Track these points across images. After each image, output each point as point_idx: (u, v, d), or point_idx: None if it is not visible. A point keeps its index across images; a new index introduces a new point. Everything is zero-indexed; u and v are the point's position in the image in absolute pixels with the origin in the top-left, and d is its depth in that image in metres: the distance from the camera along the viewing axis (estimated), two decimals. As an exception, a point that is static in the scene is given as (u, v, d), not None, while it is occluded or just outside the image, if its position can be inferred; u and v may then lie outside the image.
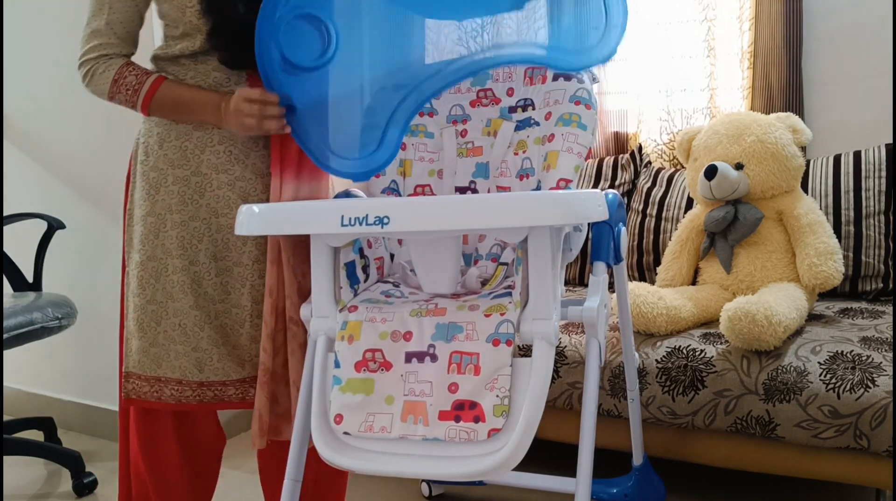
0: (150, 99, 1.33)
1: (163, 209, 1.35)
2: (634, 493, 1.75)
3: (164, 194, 1.35)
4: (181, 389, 1.36)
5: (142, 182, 1.37)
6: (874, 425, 1.49)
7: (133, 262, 1.37)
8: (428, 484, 1.95)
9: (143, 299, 1.35)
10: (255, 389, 1.36)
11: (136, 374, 1.36)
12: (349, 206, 1.06)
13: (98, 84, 1.33)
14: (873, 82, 2.29)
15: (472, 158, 1.51)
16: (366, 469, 1.11)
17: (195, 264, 1.36)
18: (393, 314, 1.18)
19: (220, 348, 1.37)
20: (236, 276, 1.38)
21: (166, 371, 1.35)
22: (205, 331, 1.36)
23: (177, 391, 1.36)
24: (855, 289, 2.06)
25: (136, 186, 1.38)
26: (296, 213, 1.11)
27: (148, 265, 1.35)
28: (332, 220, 1.07)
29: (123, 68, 1.33)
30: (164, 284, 1.35)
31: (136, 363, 1.36)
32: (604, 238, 1.34)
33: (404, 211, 1.04)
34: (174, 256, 1.35)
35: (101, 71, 1.33)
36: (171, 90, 1.33)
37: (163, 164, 1.36)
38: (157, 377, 1.36)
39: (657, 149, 2.53)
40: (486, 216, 1.02)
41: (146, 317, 1.35)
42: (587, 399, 1.18)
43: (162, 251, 1.35)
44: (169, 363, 1.35)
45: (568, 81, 1.42)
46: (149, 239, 1.35)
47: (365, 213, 1.05)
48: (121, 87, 1.32)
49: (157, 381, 1.36)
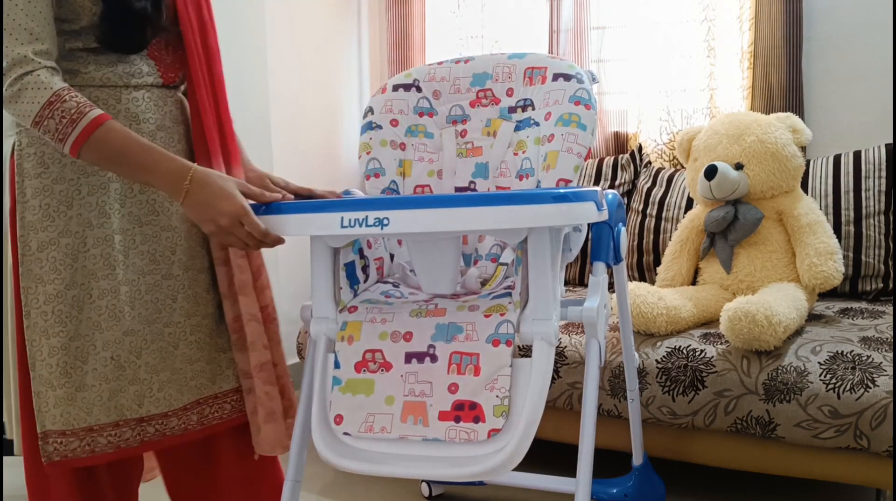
0: (88, 136, 1.07)
1: (79, 226, 1.15)
2: (634, 493, 1.75)
3: (80, 208, 1.16)
4: (119, 432, 1.17)
5: (41, 199, 1.14)
6: (874, 425, 1.48)
7: (41, 296, 1.14)
8: (428, 484, 1.95)
9: (64, 338, 1.14)
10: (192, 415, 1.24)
11: (59, 431, 1.14)
12: (349, 207, 1.06)
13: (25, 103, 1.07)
14: (873, 82, 2.29)
15: (472, 159, 1.51)
16: (366, 470, 1.11)
17: (124, 284, 1.18)
18: (393, 315, 1.18)
19: (160, 374, 1.21)
20: (166, 290, 1.23)
21: (100, 417, 1.16)
22: (142, 358, 1.19)
23: (114, 437, 1.17)
24: (855, 289, 2.06)
25: (30, 207, 1.14)
26: (295, 215, 1.11)
27: (66, 295, 1.14)
28: (331, 222, 1.07)
29: (64, 90, 1.08)
30: (88, 313, 1.15)
31: (57, 419, 1.14)
32: (604, 238, 1.34)
33: (404, 212, 1.04)
34: (99, 277, 1.16)
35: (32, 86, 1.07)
36: (117, 135, 1.08)
37: (72, 173, 1.15)
38: (89, 427, 1.15)
39: (657, 149, 2.53)
40: (485, 218, 1.02)
41: (69, 358, 1.14)
42: (587, 399, 1.18)
43: (83, 275, 1.16)
44: (103, 406, 1.16)
45: (567, 82, 1.42)
46: (64, 264, 1.15)
47: (365, 214, 1.05)
48: (55, 111, 1.06)
49: (88, 432, 1.15)
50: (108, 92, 1.19)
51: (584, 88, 1.40)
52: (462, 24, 2.87)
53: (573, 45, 2.65)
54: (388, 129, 1.51)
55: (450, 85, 1.53)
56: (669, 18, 2.51)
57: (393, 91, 1.53)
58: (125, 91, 1.20)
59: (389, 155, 1.49)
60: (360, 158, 1.50)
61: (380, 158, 1.49)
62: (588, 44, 2.63)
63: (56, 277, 1.15)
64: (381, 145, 1.49)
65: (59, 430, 1.14)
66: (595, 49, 2.65)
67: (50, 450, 1.15)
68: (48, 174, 1.15)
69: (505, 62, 1.50)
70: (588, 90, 1.40)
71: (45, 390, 1.15)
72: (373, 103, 1.53)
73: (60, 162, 1.15)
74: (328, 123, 2.91)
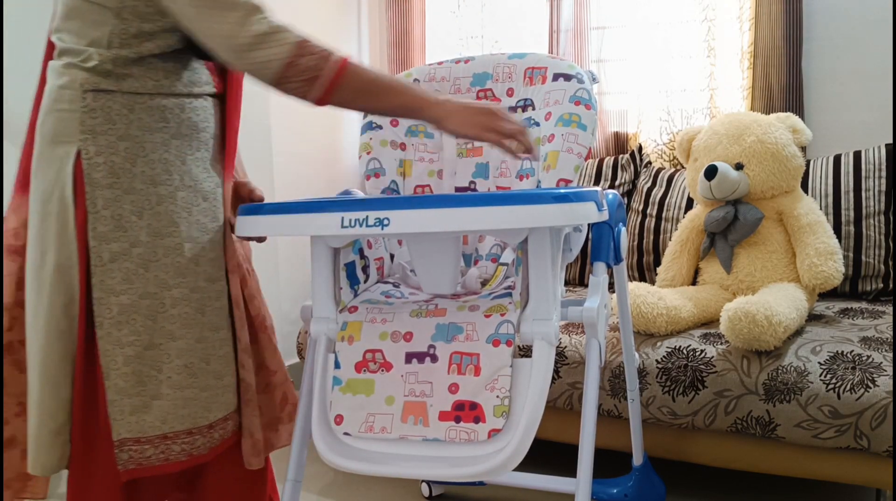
0: (343, 74, 1.10)
1: (149, 236, 1.16)
2: (634, 493, 1.75)
3: (150, 218, 1.16)
4: (192, 439, 1.18)
5: (113, 210, 1.14)
6: (874, 425, 1.49)
7: (115, 307, 1.14)
8: (428, 484, 1.95)
9: (139, 347, 1.15)
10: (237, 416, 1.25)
11: (134, 438, 1.15)
12: (349, 207, 1.06)
13: (277, 48, 1.08)
14: (873, 82, 2.30)
15: (472, 159, 1.51)
16: (366, 470, 1.11)
17: (196, 291, 1.19)
18: (393, 315, 1.18)
19: (223, 379, 1.22)
20: (223, 292, 1.24)
21: (174, 425, 1.17)
22: (210, 365, 1.20)
23: (188, 444, 1.18)
24: (855, 289, 2.07)
25: (101, 218, 1.14)
26: (296, 215, 1.11)
27: (140, 306, 1.15)
28: (332, 222, 1.07)
29: (304, 40, 1.10)
30: (162, 322, 1.16)
31: (133, 426, 1.14)
32: (604, 238, 1.34)
33: (404, 212, 1.04)
34: (171, 286, 1.17)
35: (281, 36, 1.09)
36: (362, 68, 1.13)
37: (140, 184, 1.15)
38: (164, 434, 1.16)
39: (657, 149, 2.53)
40: (486, 218, 1.02)
41: (143, 367, 1.15)
42: (587, 400, 1.18)
43: (155, 285, 1.16)
44: (177, 414, 1.17)
45: (568, 82, 1.42)
46: (137, 274, 1.15)
47: (365, 215, 1.05)
48: (305, 53, 1.09)
49: (163, 440, 1.16)
50: (174, 101, 1.19)
51: (585, 88, 1.40)
52: (462, 24, 2.87)
53: (573, 45, 2.65)
54: (389, 129, 1.51)
55: (450, 85, 1.53)
56: (669, 18, 2.51)
57: (393, 91, 1.53)
58: (187, 100, 1.21)
59: (390, 155, 1.49)
60: (361, 158, 1.50)
61: (380, 158, 1.49)
62: (588, 44, 2.63)
63: (129, 287, 1.14)
64: (381, 145, 1.49)
65: (133, 438, 1.15)
66: (595, 49, 2.65)
67: (125, 458, 1.15)
68: (119, 185, 1.14)
69: (505, 62, 1.50)
70: (588, 90, 1.41)
71: (119, 398, 1.14)
72: (373, 103, 1.53)
73: (130, 172, 1.15)
74: (328, 122, 2.91)
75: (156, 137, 1.17)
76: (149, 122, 1.16)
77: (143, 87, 1.16)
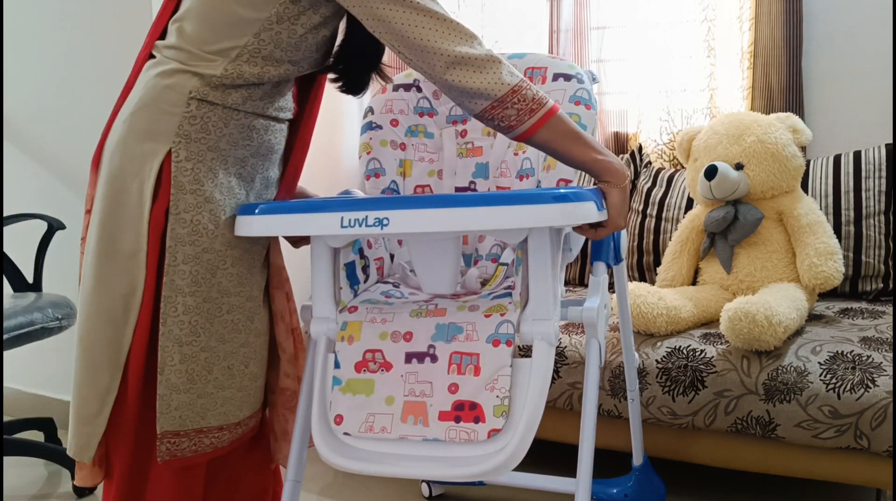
0: (550, 117, 1.12)
1: (222, 246, 1.19)
2: (634, 493, 1.75)
3: (224, 229, 1.20)
4: (220, 434, 1.23)
5: (193, 215, 1.17)
6: (874, 425, 1.49)
7: (180, 307, 1.18)
8: (428, 484, 1.95)
9: (196, 347, 1.19)
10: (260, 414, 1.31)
11: (174, 432, 1.19)
12: (349, 207, 1.06)
13: (497, 76, 1.10)
14: (873, 82, 2.29)
15: (472, 159, 1.51)
16: (366, 470, 1.11)
17: (250, 300, 1.24)
18: (393, 315, 1.18)
19: (257, 381, 1.28)
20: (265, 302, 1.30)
21: (211, 421, 1.22)
22: (249, 368, 1.25)
23: (216, 438, 1.23)
24: (855, 289, 2.06)
25: (181, 221, 1.17)
26: (296, 214, 1.11)
27: (203, 308, 1.19)
28: (331, 222, 1.07)
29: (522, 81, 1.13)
30: (217, 326, 1.21)
31: (175, 420, 1.19)
32: (604, 238, 1.34)
33: (404, 212, 1.04)
34: (231, 294, 1.21)
35: (506, 69, 1.11)
36: (568, 120, 1.14)
37: (219, 194, 1.19)
38: (199, 428, 1.21)
39: (657, 149, 2.53)
40: (486, 218, 1.02)
41: (198, 367, 1.20)
42: (587, 400, 1.18)
43: (217, 291, 1.20)
44: (215, 412, 1.22)
45: (568, 82, 1.42)
46: (205, 278, 1.19)
47: (364, 214, 1.05)
48: (522, 93, 1.11)
49: (197, 433, 1.21)
50: (263, 122, 1.23)
51: (585, 88, 1.40)
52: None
53: (573, 45, 2.65)
54: (389, 129, 1.51)
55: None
56: (669, 18, 2.51)
57: (393, 91, 1.53)
58: (273, 123, 1.26)
59: (390, 155, 1.49)
60: (361, 158, 1.50)
61: (380, 158, 1.49)
62: (588, 44, 2.63)
63: (196, 289, 1.18)
64: (381, 145, 1.49)
65: (173, 431, 1.19)
66: (595, 49, 2.65)
67: (164, 450, 1.19)
68: (202, 192, 1.18)
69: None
70: (588, 90, 1.41)
71: (169, 393, 1.18)
72: (373, 103, 1.53)
73: (213, 182, 1.18)
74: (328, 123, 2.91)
75: (239, 152, 1.21)
76: (237, 138, 1.20)
77: (243, 105, 1.19)
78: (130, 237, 1.18)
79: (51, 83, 2.47)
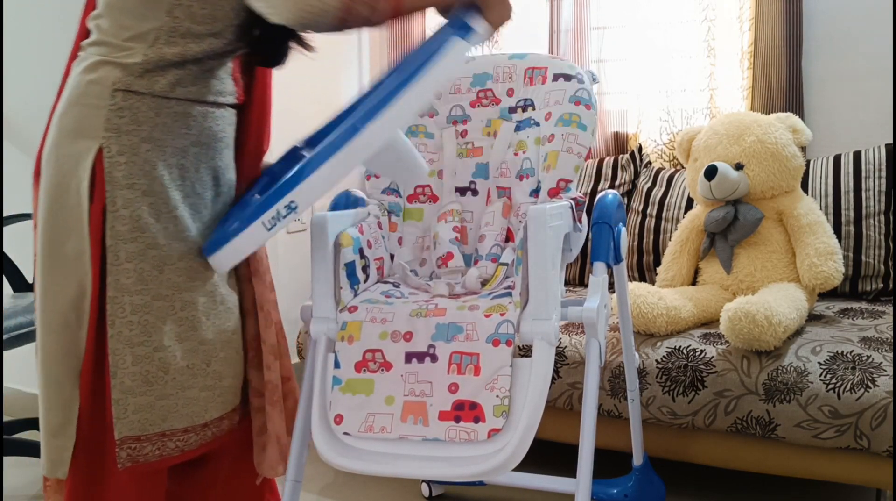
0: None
1: (166, 238, 1.15)
2: (634, 493, 1.75)
3: (167, 221, 1.16)
4: (186, 437, 1.19)
5: (132, 211, 1.13)
6: (874, 425, 1.49)
7: (128, 307, 1.14)
8: (428, 484, 1.95)
9: (149, 348, 1.14)
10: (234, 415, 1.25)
11: (134, 437, 1.15)
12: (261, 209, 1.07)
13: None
14: (873, 82, 2.29)
15: (472, 159, 1.51)
16: (366, 470, 1.11)
17: (205, 295, 1.20)
18: (393, 315, 1.18)
19: (223, 380, 1.23)
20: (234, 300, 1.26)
21: (174, 423, 1.17)
22: (211, 366, 1.21)
23: (182, 441, 1.18)
24: (855, 289, 2.06)
25: (120, 218, 1.13)
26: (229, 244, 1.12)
27: (153, 307, 1.15)
28: (260, 232, 1.07)
29: None
30: (171, 325, 1.16)
31: (135, 425, 1.14)
32: (604, 238, 1.34)
33: (301, 189, 1.05)
34: (182, 289, 1.17)
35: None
36: None
37: (159, 186, 1.15)
38: (162, 432, 1.17)
39: (657, 149, 2.53)
40: (379, 130, 1.04)
41: (153, 368, 1.15)
42: (587, 400, 1.18)
43: (168, 288, 1.16)
44: (178, 414, 1.17)
45: (568, 82, 1.42)
46: (152, 275, 1.15)
47: (276, 210, 1.05)
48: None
49: (160, 437, 1.17)
50: (199, 109, 1.20)
51: (585, 88, 1.41)
52: (462, 25, 2.86)
53: (573, 45, 2.65)
54: (389, 129, 1.51)
55: (450, 85, 1.53)
56: (669, 19, 2.51)
57: (393, 91, 1.53)
58: (211, 109, 1.22)
59: (389, 155, 1.49)
60: (361, 158, 1.50)
61: (380, 158, 1.49)
62: (588, 44, 2.63)
63: (143, 287, 1.14)
64: (381, 145, 1.49)
65: (134, 436, 1.15)
66: (595, 49, 2.65)
67: (124, 456, 1.15)
68: (139, 186, 1.14)
69: (505, 62, 1.50)
70: (588, 90, 1.41)
71: (125, 397, 1.14)
72: (373, 103, 1.53)
73: (150, 175, 1.14)
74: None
75: (177, 142, 1.17)
76: (173, 127, 1.16)
77: (172, 91, 1.15)
78: (73, 240, 1.14)
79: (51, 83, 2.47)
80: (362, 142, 1.04)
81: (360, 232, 1.32)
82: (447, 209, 1.48)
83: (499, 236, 1.43)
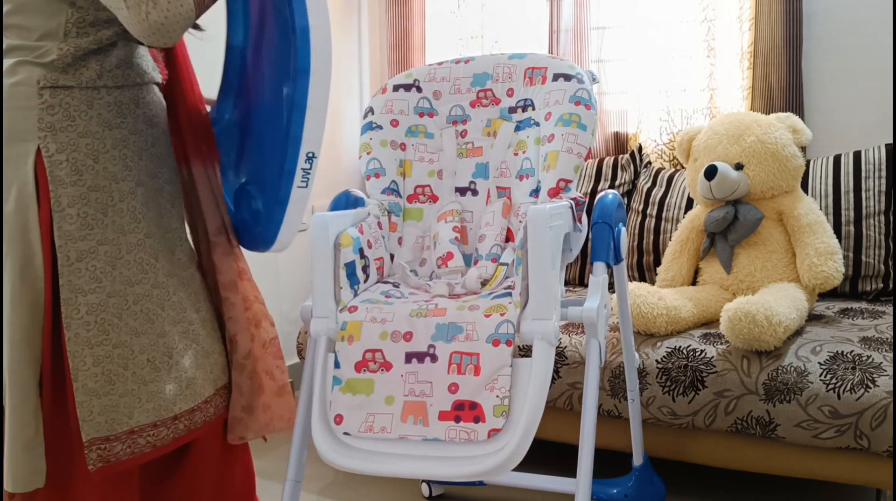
0: None
1: (115, 233, 1.14)
2: (634, 493, 1.75)
3: (114, 215, 1.14)
4: (156, 432, 1.16)
5: (79, 208, 1.12)
6: (874, 425, 1.49)
7: (83, 307, 1.12)
8: (428, 484, 1.95)
9: (108, 346, 1.12)
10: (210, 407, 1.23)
11: (103, 437, 1.12)
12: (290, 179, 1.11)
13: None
14: (873, 82, 2.29)
15: (472, 159, 1.51)
16: (365, 470, 1.11)
17: (157, 287, 1.18)
18: (393, 315, 1.18)
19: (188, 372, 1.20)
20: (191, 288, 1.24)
21: (140, 419, 1.14)
22: (173, 358, 1.18)
23: (152, 436, 1.16)
24: (855, 289, 2.06)
25: (67, 217, 1.11)
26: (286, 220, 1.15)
27: (108, 304, 1.13)
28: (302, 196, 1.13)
29: None
30: (127, 320, 1.14)
31: (102, 426, 1.12)
32: (604, 238, 1.34)
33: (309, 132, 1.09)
34: (134, 283, 1.15)
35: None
36: None
37: (104, 180, 1.13)
38: (130, 429, 1.14)
39: (657, 149, 2.53)
40: None
41: (114, 366, 1.13)
42: (587, 400, 1.18)
43: (121, 283, 1.14)
44: (142, 409, 1.15)
45: (568, 82, 1.42)
46: (104, 272, 1.13)
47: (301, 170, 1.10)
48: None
49: (129, 434, 1.14)
50: (129, 94, 1.19)
51: (585, 88, 1.40)
52: (462, 24, 2.87)
53: (573, 45, 2.65)
54: (389, 129, 1.51)
55: (450, 85, 1.53)
56: (669, 18, 2.51)
57: (393, 91, 1.53)
58: (140, 93, 1.20)
59: (390, 155, 1.50)
60: (361, 158, 1.51)
61: (380, 158, 1.49)
62: (588, 44, 2.63)
63: (97, 286, 1.12)
64: (381, 145, 1.49)
65: (102, 437, 1.13)
66: (595, 49, 2.65)
67: (94, 457, 1.12)
68: (83, 182, 1.12)
69: (505, 62, 1.50)
70: (588, 90, 1.41)
71: (89, 399, 1.12)
72: (373, 104, 1.53)
73: (93, 169, 1.13)
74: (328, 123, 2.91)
75: (115, 133, 1.15)
76: (108, 117, 1.15)
77: (100, 79, 1.14)
78: (24, 248, 1.13)
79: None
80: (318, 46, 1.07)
81: (360, 232, 1.32)
82: (447, 209, 1.48)
83: (499, 236, 1.43)
